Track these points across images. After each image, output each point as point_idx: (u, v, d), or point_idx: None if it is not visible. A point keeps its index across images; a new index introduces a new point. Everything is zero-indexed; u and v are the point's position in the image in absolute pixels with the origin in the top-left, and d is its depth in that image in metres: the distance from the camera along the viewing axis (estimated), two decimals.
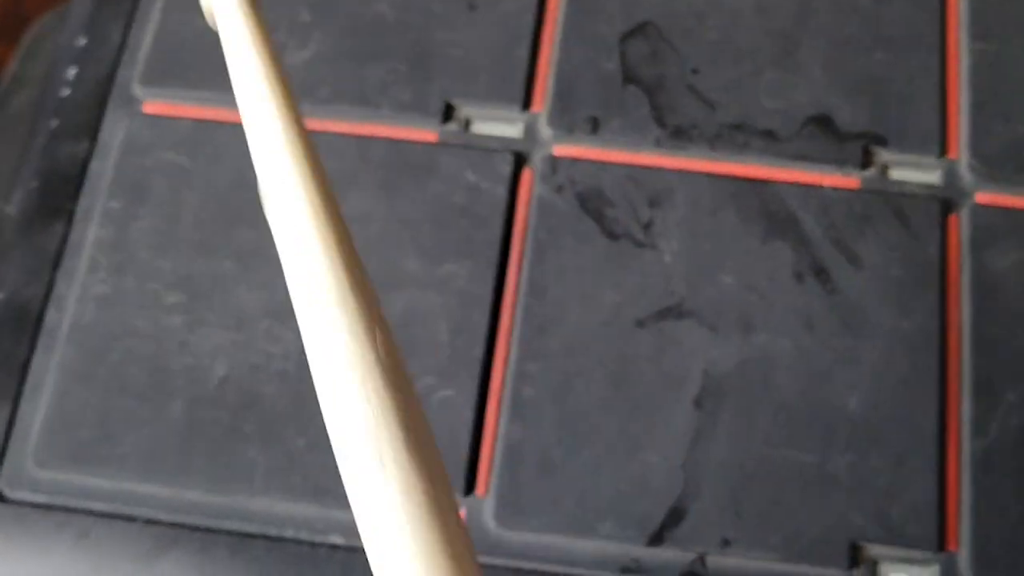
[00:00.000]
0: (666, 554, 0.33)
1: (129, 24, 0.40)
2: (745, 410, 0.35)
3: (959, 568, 0.33)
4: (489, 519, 0.33)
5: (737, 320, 0.35)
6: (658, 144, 0.37)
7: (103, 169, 0.37)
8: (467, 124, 0.38)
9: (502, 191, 0.37)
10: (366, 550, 0.18)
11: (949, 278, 0.36)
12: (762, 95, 0.38)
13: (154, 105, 0.38)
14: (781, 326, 0.35)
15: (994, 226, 0.36)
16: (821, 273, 0.36)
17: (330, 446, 0.34)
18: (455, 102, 0.38)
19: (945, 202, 0.37)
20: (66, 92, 0.38)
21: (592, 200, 0.37)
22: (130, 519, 0.34)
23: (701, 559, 0.33)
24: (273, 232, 0.20)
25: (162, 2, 0.40)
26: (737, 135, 0.37)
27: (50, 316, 0.36)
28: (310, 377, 0.35)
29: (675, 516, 0.33)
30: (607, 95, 0.38)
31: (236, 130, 0.37)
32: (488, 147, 0.37)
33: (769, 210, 0.37)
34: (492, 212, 0.36)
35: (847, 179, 0.37)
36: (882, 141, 0.37)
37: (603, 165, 0.37)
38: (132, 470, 0.34)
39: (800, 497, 0.34)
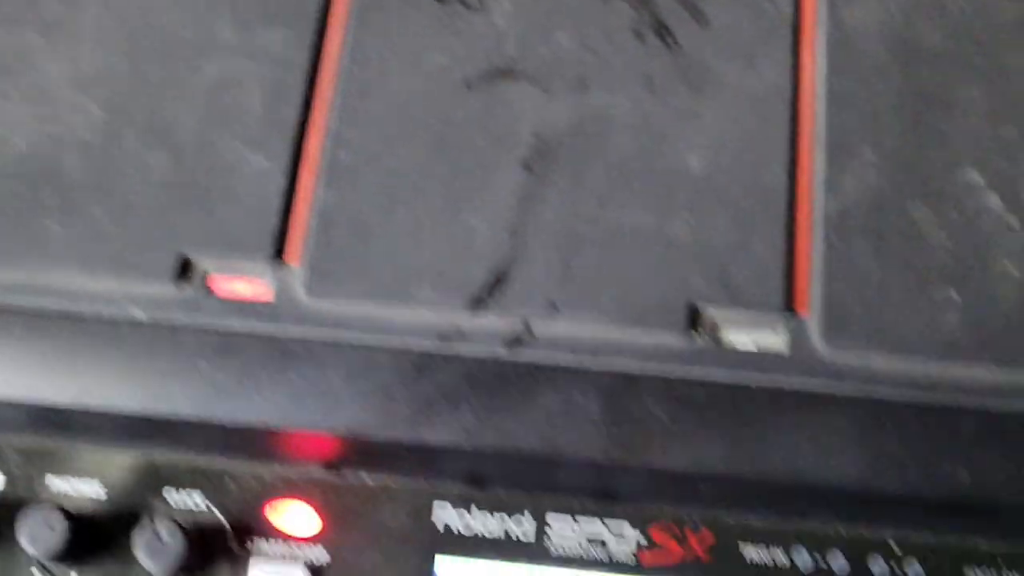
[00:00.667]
0: (488, 320, 0.31)
1: None
2: (578, 172, 0.32)
3: (808, 332, 0.31)
4: (300, 288, 0.31)
5: (572, 80, 0.33)
6: None
7: None
8: None
9: None
10: None
11: (803, 32, 0.33)
12: None
13: None
14: (619, 86, 0.33)
15: None
16: (663, 30, 0.33)
17: (132, 217, 0.31)
18: None
19: None
20: None
21: None
22: None
23: (526, 325, 0.31)
24: None
25: None
26: None
27: None
28: (114, 147, 0.33)
29: (499, 281, 0.31)
30: None
31: None
32: None
33: None
34: None
35: None
36: None
37: None
38: None
39: (635, 260, 0.31)
